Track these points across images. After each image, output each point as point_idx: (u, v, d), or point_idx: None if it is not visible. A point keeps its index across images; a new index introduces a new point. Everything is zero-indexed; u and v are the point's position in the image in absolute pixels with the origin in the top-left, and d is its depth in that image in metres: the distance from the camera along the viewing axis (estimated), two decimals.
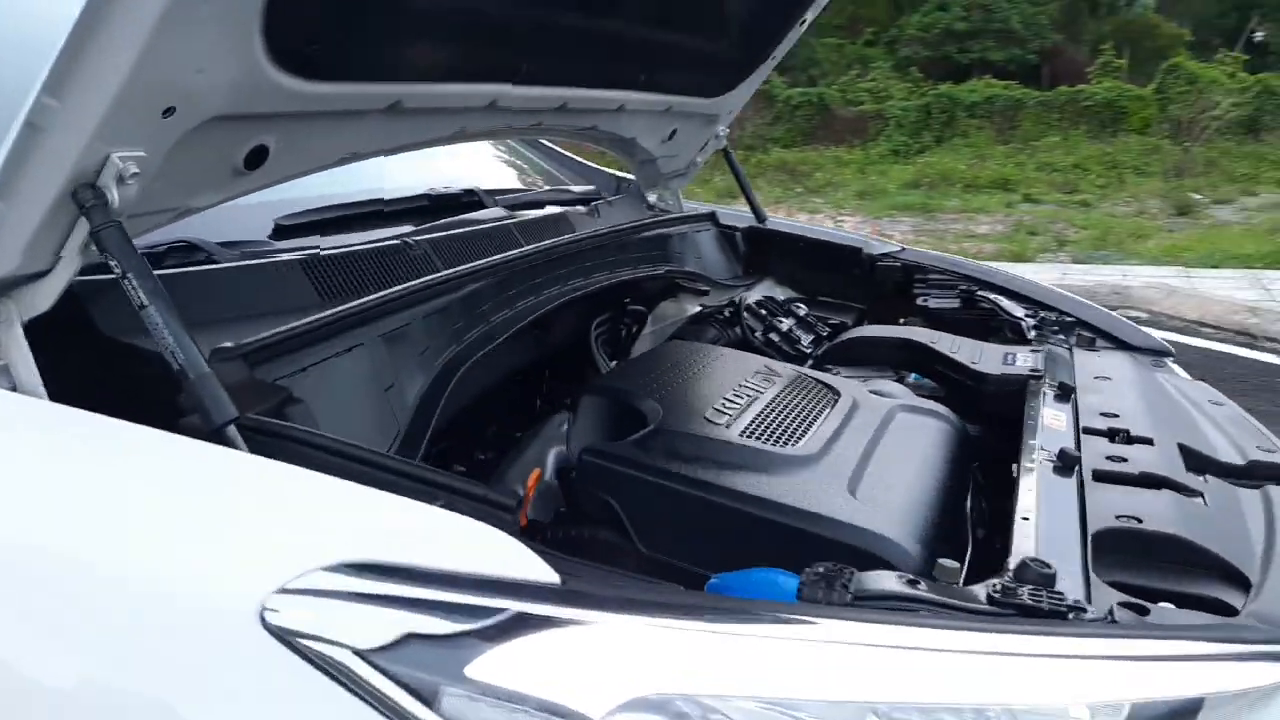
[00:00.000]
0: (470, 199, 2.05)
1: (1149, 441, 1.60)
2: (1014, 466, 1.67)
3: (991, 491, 1.75)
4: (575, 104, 1.87)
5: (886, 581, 1.00)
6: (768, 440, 1.50)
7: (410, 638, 0.78)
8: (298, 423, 1.14)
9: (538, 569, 0.84)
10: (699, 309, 2.35)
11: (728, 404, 1.61)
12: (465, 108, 1.60)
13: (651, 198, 2.85)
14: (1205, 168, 15.69)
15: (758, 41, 2.28)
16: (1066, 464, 1.46)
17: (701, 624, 0.83)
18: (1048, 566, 1.06)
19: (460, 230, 1.82)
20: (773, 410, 1.62)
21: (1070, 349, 2.20)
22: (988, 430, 1.97)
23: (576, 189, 2.56)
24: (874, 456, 1.54)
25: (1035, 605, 0.97)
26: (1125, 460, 1.52)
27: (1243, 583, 1.18)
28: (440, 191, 2.00)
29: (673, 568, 1.36)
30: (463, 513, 0.93)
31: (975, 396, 2.00)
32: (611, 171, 3.00)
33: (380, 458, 1.05)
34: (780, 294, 2.80)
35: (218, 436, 0.99)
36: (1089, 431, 1.65)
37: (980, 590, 1.03)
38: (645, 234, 2.36)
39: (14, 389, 1.02)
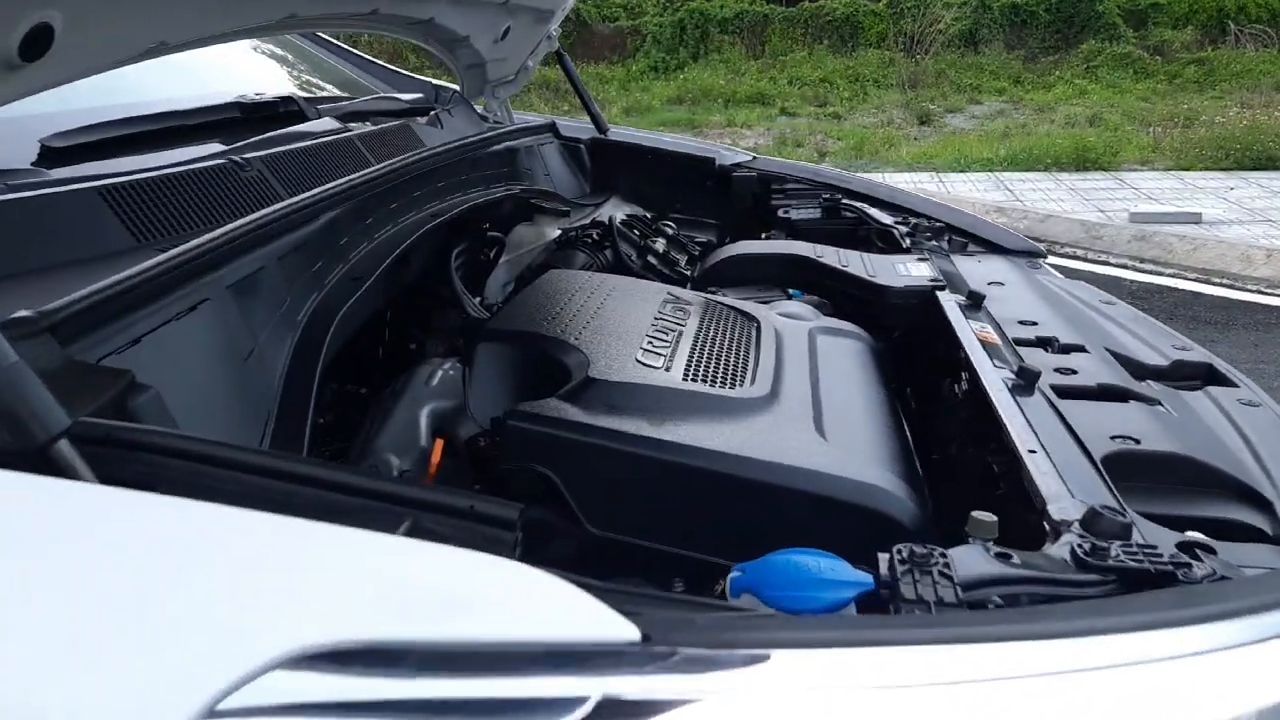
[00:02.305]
0: (289, 109, 1.64)
1: (1082, 349, 1.53)
2: (955, 385, 1.55)
3: (921, 412, 1.63)
4: None
5: (981, 563, 0.81)
6: (715, 382, 1.28)
7: None
8: (152, 421, 0.78)
9: (607, 621, 0.57)
10: (559, 232, 2.07)
11: (654, 342, 1.37)
12: None
13: (477, 108, 2.50)
14: (936, 79, 16.81)
15: None
16: (1028, 381, 1.34)
17: (841, 678, 0.59)
18: (1121, 513, 0.91)
19: (296, 145, 1.43)
20: (703, 345, 1.40)
21: (948, 254, 2.12)
22: (891, 344, 1.85)
23: (406, 97, 2.17)
24: (821, 388, 1.36)
25: (1139, 568, 0.82)
26: (1075, 372, 1.43)
27: (1258, 500, 1.10)
28: (253, 99, 1.57)
29: (632, 549, 1.13)
30: (447, 537, 0.64)
31: (875, 311, 1.87)
32: (426, 79, 2.62)
33: (306, 466, 0.73)
34: (628, 210, 2.57)
35: (42, 458, 0.63)
36: (1020, 343, 1.55)
37: (1062, 551, 0.86)
38: (493, 148, 2.04)
39: None
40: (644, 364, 1.27)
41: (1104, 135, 11.36)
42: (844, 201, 2.37)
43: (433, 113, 1.97)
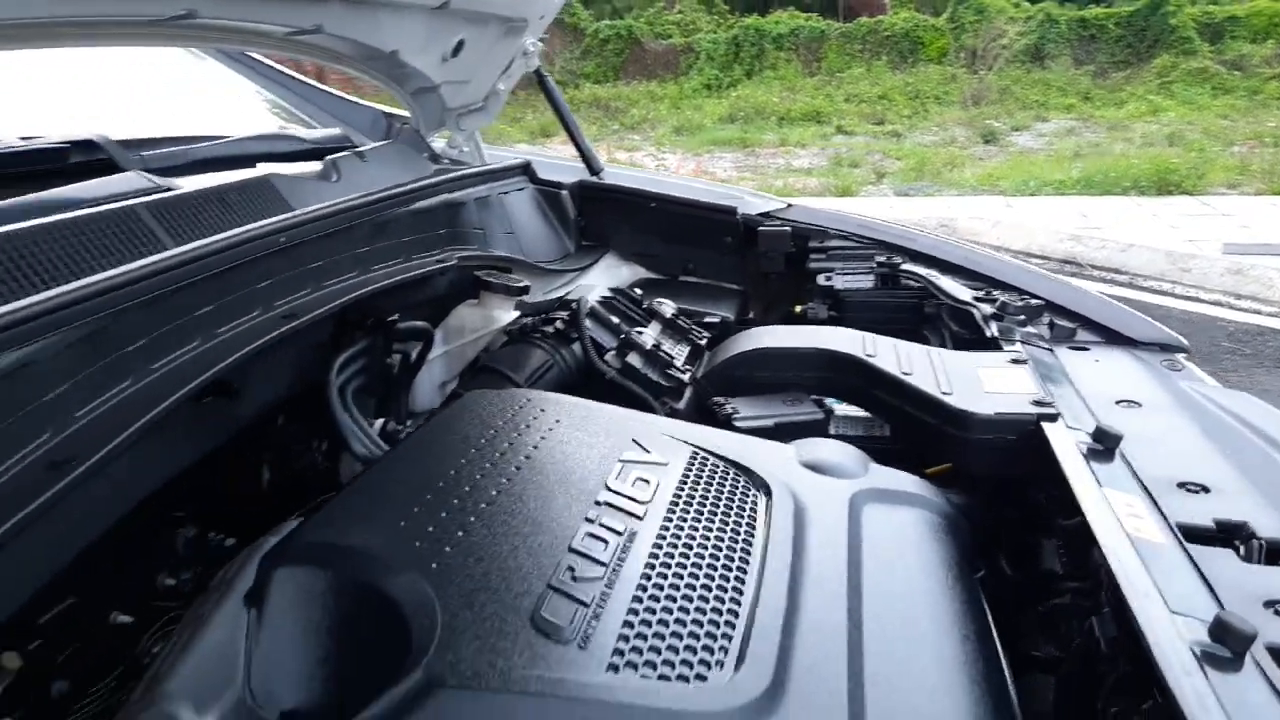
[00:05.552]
0: (95, 158, 1.11)
1: None
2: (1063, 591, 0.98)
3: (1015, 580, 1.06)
4: None
5: None
6: (672, 664, 0.71)
7: None
8: None
9: None
10: (514, 315, 1.52)
11: (579, 565, 0.80)
12: None
13: (437, 144, 1.97)
14: (1000, 95, 16.21)
15: None
16: (1236, 652, 0.76)
17: None
18: None
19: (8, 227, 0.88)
20: (668, 564, 0.83)
21: (1050, 348, 1.53)
22: (973, 496, 1.28)
23: (309, 135, 1.65)
24: (866, 654, 0.78)
25: None
26: None
27: None
28: (13, 146, 1.05)
29: None
30: None
31: (950, 446, 1.29)
32: (381, 107, 2.10)
33: None
34: (627, 273, 2.01)
35: None
36: (1193, 534, 0.96)
37: None
38: (420, 204, 1.49)
39: None
40: (543, 630, 0.71)
41: (1186, 156, 10.57)
42: (904, 267, 1.78)
43: (330, 158, 1.43)
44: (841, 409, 1.52)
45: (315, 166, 1.40)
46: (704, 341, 1.66)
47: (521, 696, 0.65)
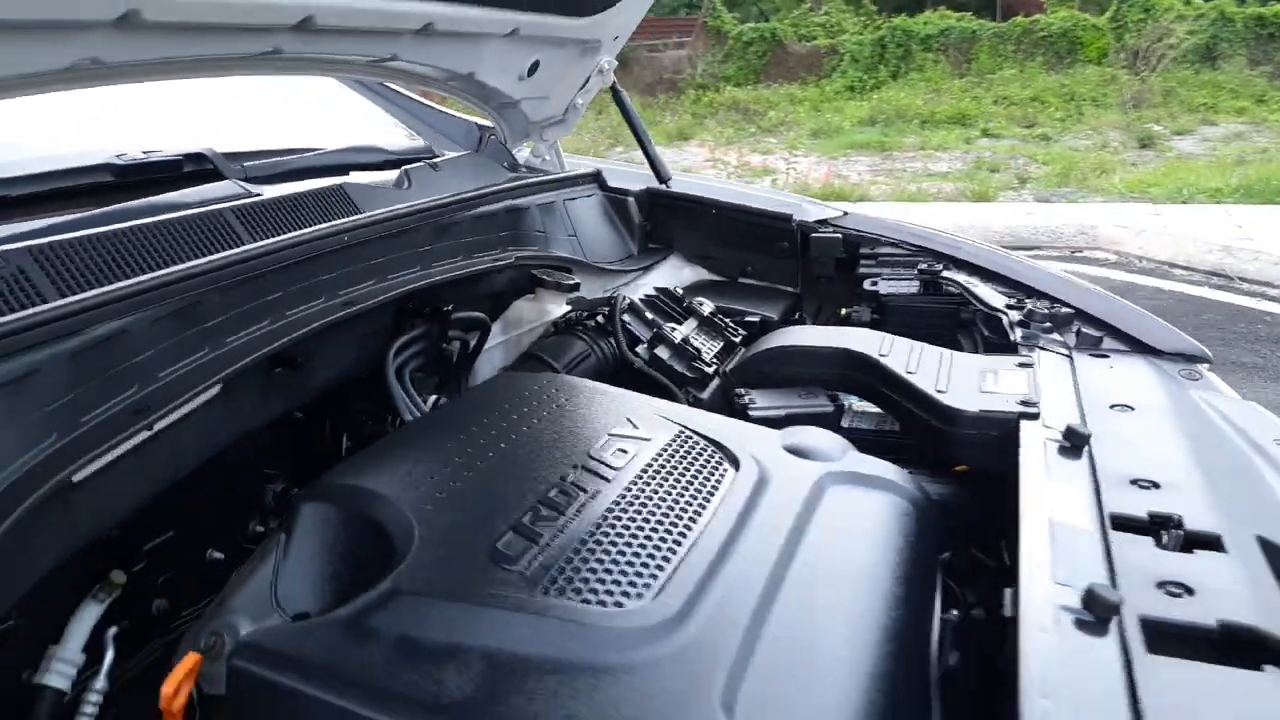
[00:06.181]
0: (202, 168, 1.35)
1: (1215, 544, 1.01)
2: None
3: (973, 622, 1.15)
4: (346, 17, 1.19)
5: None
6: (596, 589, 0.87)
7: None
8: None
9: None
10: (564, 309, 1.70)
11: (543, 514, 0.97)
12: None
13: (522, 153, 2.18)
14: (1163, 98, 15.33)
15: None
16: (1099, 616, 0.86)
17: None
18: None
19: (102, 228, 1.11)
20: (620, 516, 0.99)
21: (1070, 355, 1.59)
22: (966, 490, 1.38)
23: (394, 146, 1.87)
24: (780, 599, 0.92)
25: None
26: (1190, 593, 0.92)
27: None
28: (137, 159, 1.30)
29: None
30: None
31: (942, 441, 1.39)
32: (477, 120, 2.32)
33: None
34: (689, 274, 2.17)
35: None
36: (1121, 525, 1.04)
37: None
38: (484, 208, 1.69)
39: None
40: (495, 559, 0.88)
41: None
42: (945, 274, 1.87)
43: (405, 168, 1.65)
44: (859, 405, 1.63)
45: (391, 175, 1.62)
46: (739, 339, 1.80)
47: (461, 604, 0.82)
